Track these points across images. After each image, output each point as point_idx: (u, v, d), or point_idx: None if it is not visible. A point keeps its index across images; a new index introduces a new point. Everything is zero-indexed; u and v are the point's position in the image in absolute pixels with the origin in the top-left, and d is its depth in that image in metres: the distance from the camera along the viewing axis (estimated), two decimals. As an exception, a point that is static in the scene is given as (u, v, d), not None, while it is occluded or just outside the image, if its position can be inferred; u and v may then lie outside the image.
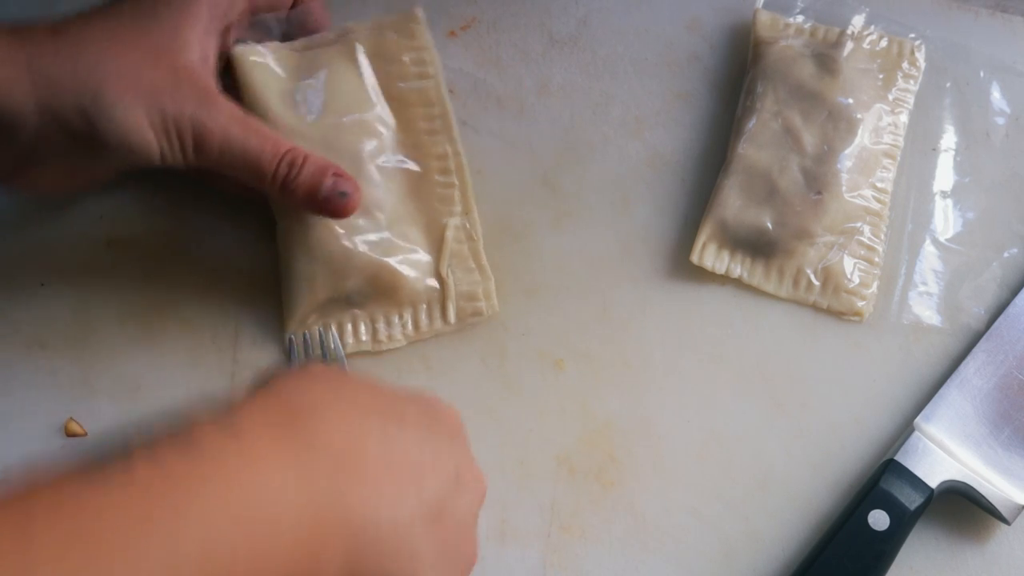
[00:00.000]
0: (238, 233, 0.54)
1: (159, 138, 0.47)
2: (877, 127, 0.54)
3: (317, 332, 0.52)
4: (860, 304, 0.52)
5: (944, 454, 0.48)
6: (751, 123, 0.54)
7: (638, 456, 0.51)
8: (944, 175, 0.55)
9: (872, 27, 0.57)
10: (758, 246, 0.53)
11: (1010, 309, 0.52)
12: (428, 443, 0.39)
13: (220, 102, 0.47)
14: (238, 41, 0.52)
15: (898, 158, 0.55)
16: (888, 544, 0.46)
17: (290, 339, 0.52)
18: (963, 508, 0.49)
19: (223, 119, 0.47)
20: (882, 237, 0.53)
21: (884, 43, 0.56)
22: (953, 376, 0.50)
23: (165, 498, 0.30)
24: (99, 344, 0.53)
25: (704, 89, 0.58)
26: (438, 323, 0.53)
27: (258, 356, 0.53)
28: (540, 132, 0.57)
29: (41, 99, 0.45)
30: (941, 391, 0.50)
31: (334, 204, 0.49)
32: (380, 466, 0.36)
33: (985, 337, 0.51)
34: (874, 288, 0.53)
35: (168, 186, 0.56)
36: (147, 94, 0.46)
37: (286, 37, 0.54)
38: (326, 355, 0.52)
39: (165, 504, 0.30)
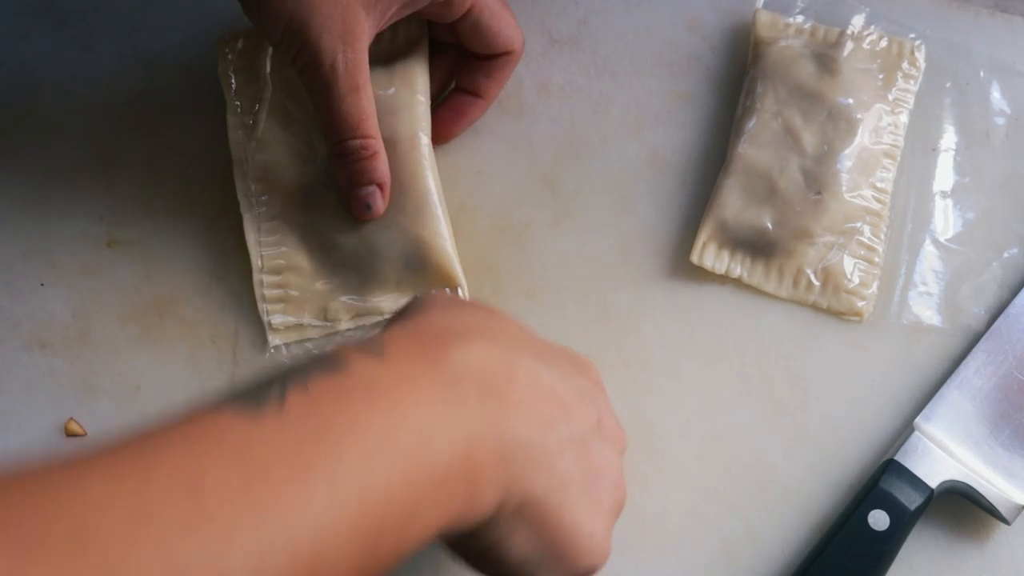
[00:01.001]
0: (238, 233, 0.54)
1: (284, 36, 0.48)
2: (877, 127, 0.54)
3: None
4: (860, 304, 0.52)
5: (944, 454, 0.48)
6: (751, 123, 0.54)
7: (638, 456, 0.51)
8: (944, 175, 0.55)
9: (872, 27, 0.57)
10: (758, 246, 0.53)
11: (1010, 309, 0.52)
12: (574, 385, 0.39)
13: (355, 53, 0.48)
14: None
15: (898, 158, 0.55)
16: (888, 544, 0.46)
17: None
18: (963, 508, 0.48)
19: (342, 67, 0.48)
20: (882, 237, 0.53)
21: (884, 43, 0.56)
22: (953, 376, 0.50)
23: (319, 427, 0.30)
24: (99, 344, 0.53)
25: (704, 89, 0.58)
26: None
27: (258, 356, 0.53)
28: (540, 132, 0.57)
29: None
30: (941, 391, 0.50)
31: (356, 207, 0.51)
32: (527, 393, 0.36)
33: (985, 337, 0.51)
34: (874, 288, 0.53)
35: (168, 186, 0.56)
36: (308, 7, 0.47)
37: None
38: None
39: (319, 434, 0.30)
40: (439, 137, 0.56)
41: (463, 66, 0.56)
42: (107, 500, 0.26)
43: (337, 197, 0.52)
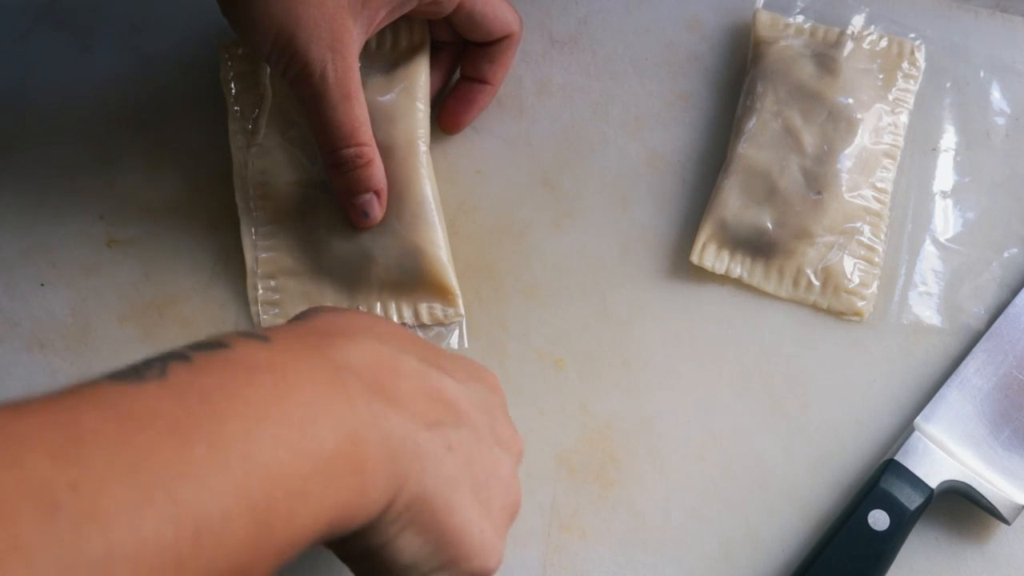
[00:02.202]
0: (238, 233, 0.54)
1: (273, 49, 0.48)
2: (877, 127, 0.54)
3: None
4: (860, 304, 0.52)
5: (944, 454, 0.48)
6: (751, 123, 0.54)
7: (638, 456, 0.51)
8: (944, 175, 0.55)
9: (872, 27, 0.57)
10: (758, 246, 0.53)
11: (1010, 309, 0.52)
12: (465, 389, 0.39)
13: (345, 61, 0.48)
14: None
15: (898, 158, 0.55)
16: (888, 544, 0.46)
17: None
18: (963, 508, 0.48)
19: (332, 76, 0.48)
20: (882, 237, 0.53)
21: (884, 43, 0.56)
22: (953, 376, 0.50)
23: (202, 393, 0.29)
24: (99, 344, 0.53)
25: (704, 89, 0.58)
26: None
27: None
28: (540, 132, 0.57)
29: None
30: (941, 391, 0.50)
31: (354, 215, 0.52)
32: (414, 392, 0.36)
33: (985, 337, 0.51)
34: (874, 288, 0.53)
35: (168, 186, 0.56)
36: (295, 18, 0.47)
37: None
38: None
39: (202, 399, 0.29)
40: (450, 127, 0.56)
41: (466, 55, 0.56)
42: None
43: (333, 202, 0.53)
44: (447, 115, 0.56)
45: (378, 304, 0.53)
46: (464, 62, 0.56)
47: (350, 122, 0.49)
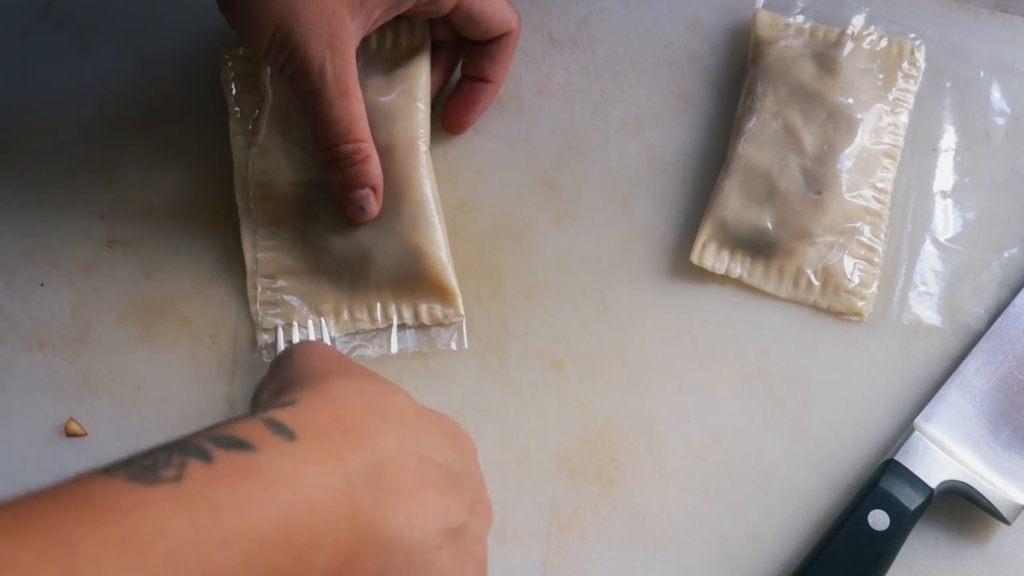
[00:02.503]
0: (238, 232, 0.54)
1: (271, 45, 0.48)
2: (877, 127, 0.54)
3: (310, 330, 0.53)
4: (860, 304, 0.52)
5: (944, 454, 0.48)
6: (751, 123, 0.54)
7: (638, 456, 0.51)
8: (944, 175, 0.55)
9: (872, 27, 0.57)
10: (758, 246, 0.53)
11: (1010, 309, 0.52)
12: (453, 465, 0.39)
13: (343, 58, 0.48)
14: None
15: (898, 158, 0.55)
16: (888, 544, 0.46)
17: (278, 326, 0.53)
18: (963, 508, 0.48)
19: (330, 73, 0.48)
20: (882, 237, 0.53)
21: (884, 43, 0.56)
22: (953, 376, 0.50)
23: (214, 507, 0.29)
24: (99, 344, 0.53)
25: (704, 89, 0.58)
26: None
27: (257, 355, 0.53)
28: (540, 132, 0.57)
29: None
30: (941, 391, 0.50)
31: (350, 210, 0.52)
32: (417, 481, 0.36)
33: (985, 337, 0.51)
34: (874, 288, 0.53)
35: (168, 186, 0.56)
36: (294, 15, 0.47)
37: None
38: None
39: (214, 515, 0.29)
40: (454, 127, 0.56)
41: (466, 54, 0.56)
42: None
43: (333, 202, 0.53)
44: (450, 116, 0.56)
45: (378, 304, 0.53)
46: (464, 61, 0.56)
47: (347, 118, 0.49)
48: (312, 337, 0.52)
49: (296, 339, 0.52)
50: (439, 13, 0.51)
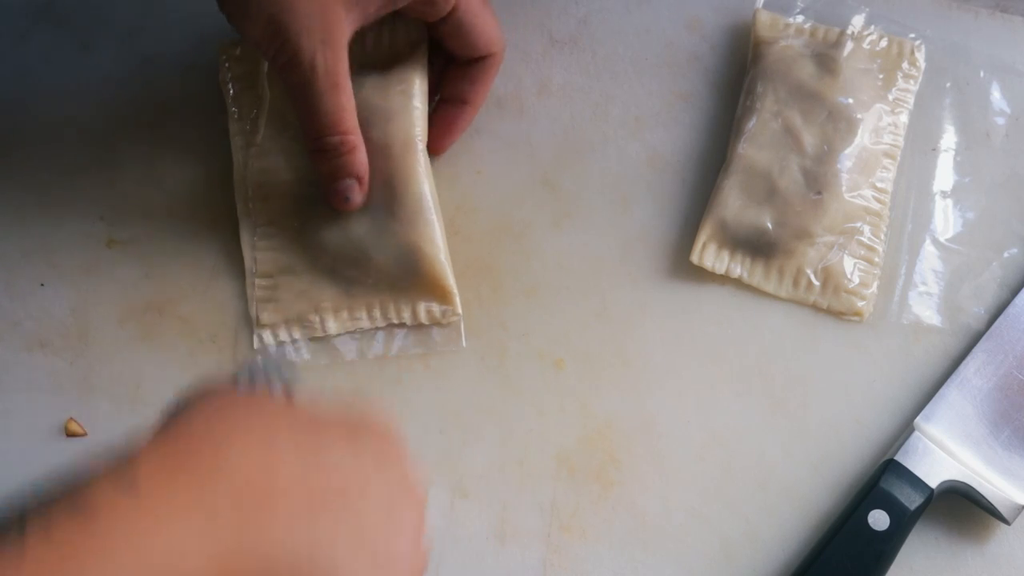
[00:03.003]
0: (238, 233, 0.54)
1: (263, 35, 0.48)
2: (877, 127, 0.54)
3: (270, 359, 0.52)
4: (860, 304, 0.52)
5: (944, 454, 0.48)
6: (751, 123, 0.54)
7: (638, 456, 0.51)
8: (944, 175, 0.55)
9: (872, 27, 0.57)
10: (758, 246, 0.53)
11: (1010, 309, 0.52)
12: (355, 468, 0.37)
13: (335, 51, 0.48)
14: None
15: (898, 158, 0.55)
16: (888, 544, 0.46)
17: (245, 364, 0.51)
18: (963, 508, 0.48)
19: (321, 66, 0.48)
20: (882, 237, 0.53)
21: (884, 43, 0.56)
22: (953, 376, 0.50)
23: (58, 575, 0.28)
24: (99, 344, 0.53)
25: (704, 89, 0.58)
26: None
27: (258, 356, 0.53)
28: (540, 132, 0.57)
29: None
30: (941, 391, 0.50)
31: (336, 200, 0.52)
32: (295, 496, 0.34)
33: (985, 337, 0.51)
34: (874, 288, 0.53)
35: (168, 186, 0.56)
36: (288, 5, 0.47)
37: None
38: (276, 376, 0.50)
39: None
40: (433, 150, 0.55)
41: (446, 75, 0.55)
42: None
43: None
44: (429, 139, 0.55)
45: (377, 303, 0.53)
46: (444, 83, 0.56)
47: (336, 111, 0.49)
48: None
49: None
50: (434, 16, 0.51)
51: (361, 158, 0.51)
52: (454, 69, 0.55)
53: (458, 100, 0.55)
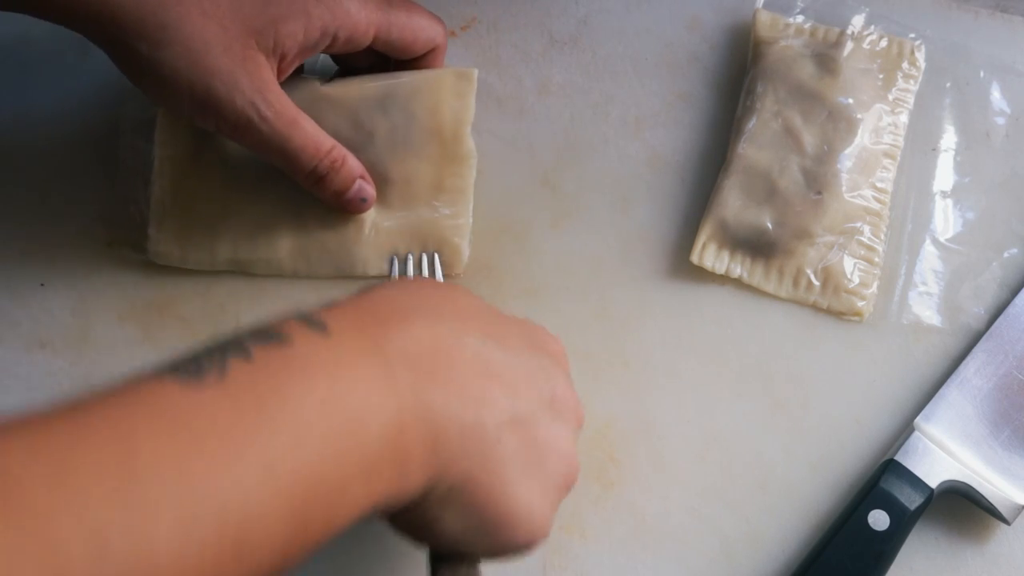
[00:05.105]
0: (238, 233, 0.54)
1: (192, 106, 0.47)
2: (877, 127, 0.54)
3: (420, 255, 0.53)
4: (860, 304, 0.52)
5: (944, 454, 0.48)
6: (751, 123, 0.54)
7: (638, 456, 0.51)
8: (944, 175, 0.55)
9: (872, 27, 0.57)
10: (758, 246, 0.53)
11: (1010, 309, 0.52)
12: (525, 361, 0.39)
13: (272, 92, 0.47)
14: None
15: (898, 158, 0.55)
16: (888, 544, 0.46)
17: (392, 258, 0.53)
18: (963, 508, 0.49)
19: (270, 113, 0.47)
20: (882, 237, 0.53)
21: (884, 43, 0.56)
22: (953, 376, 0.50)
23: (259, 399, 0.30)
24: (99, 344, 0.53)
25: (704, 89, 0.58)
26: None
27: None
28: (540, 132, 0.57)
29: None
30: (941, 391, 0.50)
31: (355, 206, 0.52)
32: (468, 373, 0.36)
33: (985, 337, 0.51)
34: (874, 288, 0.53)
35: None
36: (205, 69, 0.46)
37: None
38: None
39: (259, 406, 0.30)
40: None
41: (395, 67, 0.55)
42: (32, 458, 0.26)
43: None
44: None
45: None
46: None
47: (308, 140, 0.49)
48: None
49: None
50: (360, 46, 0.51)
51: (354, 161, 0.51)
52: (402, 65, 0.55)
53: None
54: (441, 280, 0.53)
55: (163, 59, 0.45)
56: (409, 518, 0.37)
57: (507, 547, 0.38)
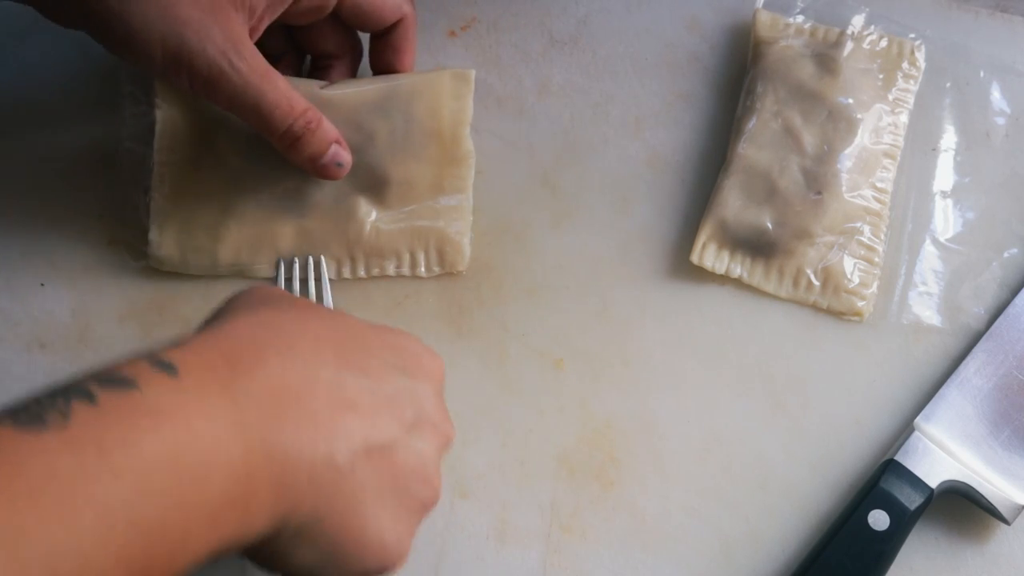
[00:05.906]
0: (238, 233, 0.54)
1: (164, 60, 0.46)
2: (877, 127, 0.54)
3: (307, 259, 0.53)
4: (860, 304, 0.52)
5: (944, 454, 0.48)
6: (751, 123, 0.54)
7: (638, 456, 0.51)
8: (944, 175, 0.55)
9: (872, 27, 0.57)
10: (758, 246, 0.53)
11: (1010, 309, 0.52)
12: (386, 385, 0.39)
13: (244, 46, 0.47)
14: None
15: (898, 158, 0.55)
16: (888, 544, 0.46)
17: (278, 261, 0.53)
18: (963, 508, 0.49)
19: (243, 65, 0.46)
20: (882, 237, 0.53)
21: (884, 43, 0.56)
22: (953, 376, 0.50)
23: (101, 446, 0.29)
24: (99, 344, 0.53)
25: (704, 89, 0.58)
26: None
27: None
28: (540, 132, 0.57)
29: None
30: (941, 391, 0.50)
31: (330, 172, 0.51)
32: (321, 407, 0.36)
33: (985, 337, 0.51)
34: (874, 288, 0.53)
35: (168, 186, 0.56)
36: (175, 19, 0.45)
37: None
38: (310, 286, 0.53)
39: (100, 453, 0.29)
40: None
41: (371, 51, 0.55)
42: None
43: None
44: None
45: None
46: (372, 59, 0.55)
47: (284, 98, 0.48)
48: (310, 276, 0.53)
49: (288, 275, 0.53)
50: (327, 9, 0.51)
51: (329, 124, 0.50)
52: (375, 43, 0.55)
53: (390, 71, 0.55)
54: (326, 282, 0.53)
55: (133, 11, 0.44)
56: (263, 551, 0.36)
57: (361, 574, 0.38)
